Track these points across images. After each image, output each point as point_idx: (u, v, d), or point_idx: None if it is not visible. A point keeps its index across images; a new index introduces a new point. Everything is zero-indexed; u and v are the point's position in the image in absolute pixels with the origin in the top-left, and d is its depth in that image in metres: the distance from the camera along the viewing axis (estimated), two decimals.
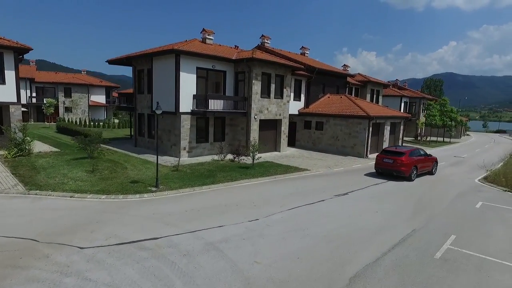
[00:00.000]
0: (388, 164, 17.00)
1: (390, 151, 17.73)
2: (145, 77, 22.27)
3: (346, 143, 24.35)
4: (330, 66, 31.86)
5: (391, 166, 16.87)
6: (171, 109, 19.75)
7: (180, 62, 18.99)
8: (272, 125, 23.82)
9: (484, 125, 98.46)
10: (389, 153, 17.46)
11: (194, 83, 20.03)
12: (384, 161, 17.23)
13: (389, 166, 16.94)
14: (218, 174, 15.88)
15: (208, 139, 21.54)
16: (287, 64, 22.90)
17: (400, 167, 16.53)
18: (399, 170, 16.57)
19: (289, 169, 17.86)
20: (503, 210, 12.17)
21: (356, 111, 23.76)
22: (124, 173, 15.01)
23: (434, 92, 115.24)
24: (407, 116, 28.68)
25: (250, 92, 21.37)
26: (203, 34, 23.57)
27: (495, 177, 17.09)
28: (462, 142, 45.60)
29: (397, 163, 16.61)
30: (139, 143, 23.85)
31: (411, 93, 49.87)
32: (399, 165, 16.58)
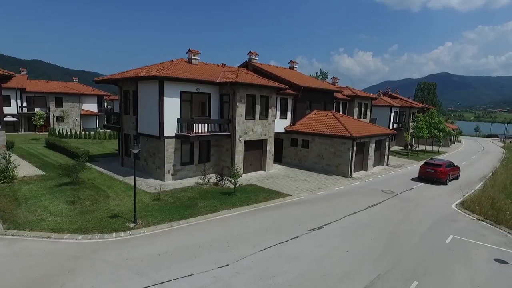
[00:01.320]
0: (430, 173, 23.36)
1: (431, 163, 23.94)
2: (130, 98, 22.45)
3: (331, 162, 24.68)
4: (317, 81, 32.20)
5: (432, 174, 23.26)
6: (155, 133, 19.97)
7: (164, 87, 19.21)
8: (258, 145, 24.09)
9: (476, 129, 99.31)
10: (430, 165, 23.75)
11: (178, 107, 20.25)
12: (427, 171, 23.55)
13: (431, 174, 23.33)
14: (199, 203, 16.13)
15: (193, 161, 21.77)
16: (271, 85, 23.17)
17: (439, 175, 22.97)
18: (439, 177, 22.96)
19: (271, 195, 18.15)
20: (470, 246, 12.52)
21: (341, 131, 24.09)
22: (105, 204, 15.21)
23: (428, 95, 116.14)
24: (392, 132, 29.08)
25: (234, 115, 21.63)
26: (188, 55, 23.81)
27: (471, 203, 17.47)
28: (451, 151, 46.12)
29: (437, 172, 23.02)
30: (125, 162, 24.02)
31: (401, 102, 50.39)
32: (439, 173, 23.00)
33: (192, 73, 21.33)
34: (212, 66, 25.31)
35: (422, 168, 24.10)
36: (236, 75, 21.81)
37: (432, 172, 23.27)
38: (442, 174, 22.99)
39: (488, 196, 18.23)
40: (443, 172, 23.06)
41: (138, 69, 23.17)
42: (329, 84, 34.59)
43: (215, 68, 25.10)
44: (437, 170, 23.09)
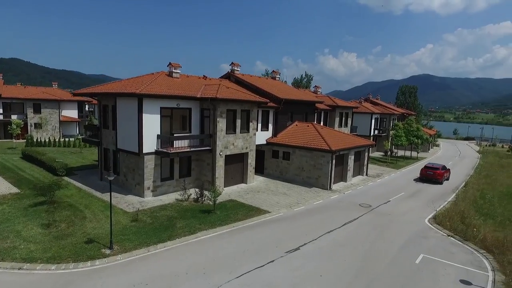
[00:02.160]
0: (430, 175, 28.55)
1: (430, 167, 29.06)
2: (110, 112, 22.17)
3: (311, 174, 25.08)
4: (299, 92, 32.58)
5: (431, 176, 28.43)
6: (134, 149, 19.82)
7: (143, 104, 19.09)
8: (239, 158, 24.23)
9: (455, 132, 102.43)
10: (430, 168, 28.96)
11: (158, 123, 20.16)
12: (428, 173, 28.74)
13: (430, 176, 28.49)
14: (178, 223, 16.15)
15: (173, 176, 21.72)
16: (252, 100, 23.35)
17: (437, 176, 28.16)
18: (437, 178, 28.12)
19: (250, 212, 18.34)
20: (438, 266, 13.05)
21: (320, 144, 24.52)
22: (82, 227, 15.04)
23: (409, 98, 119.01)
24: (370, 144, 29.75)
25: (215, 130, 21.70)
26: (169, 68, 23.73)
27: (442, 218, 18.15)
28: (429, 157, 47.49)
29: (435, 174, 28.31)
30: (104, 177, 23.69)
31: (381, 109, 51.51)
32: (436, 175, 28.25)
33: (172, 88, 21.28)
34: (194, 79, 25.29)
35: (423, 170, 29.19)
36: (216, 90, 21.87)
37: (431, 174, 28.50)
38: (439, 176, 28.27)
39: (459, 211, 18.99)
40: (440, 174, 28.31)
41: (117, 83, 22.92)
42: (310, 95, 35.08)
43: (197, 80, 25.09)
44: (435, 173, 28.33)
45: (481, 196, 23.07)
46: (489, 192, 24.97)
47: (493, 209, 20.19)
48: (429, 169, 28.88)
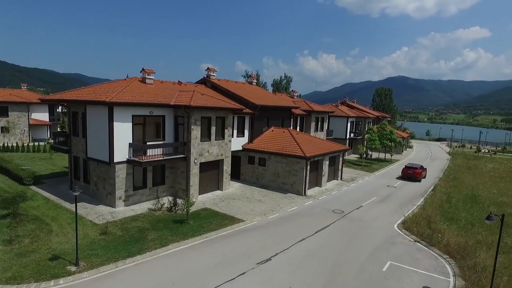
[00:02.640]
0: (410, 174, 32.54)
1: (410, 167, 33.10)
2: (79, 120, 21.51)
3: (286, 180, 25.33)
4: (275, 97, 32.79)
5: (411, 174, 32.40)
6: (105, 158, 19.33)
7: (114, 112, 18.66)
8: (214, 165, 24.12)
9: (427, 133, 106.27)
10: (410, 168, 32.99)
11: (130, 131, 19.75)
12: (408, 172, 32.69)
13: (411, 174, 32.46)
14: (149, 235, 15.89)
15: (146, 185, 21.34)
16: (227, 107, 23.29)
17: (416, 175, 32.27)
18: (416, 177, 32.16)
19: (224, 221, 18.30)
20: (404, 273, 13.52)
21: (295, 150, 24.80)
22: (47, 242, 14.52)
23: (385, 100, 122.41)
24: (345, 149, 30.38)
25: (189, 137, 21.50)
26: (142, 74, 23.32)
27: (410, 223, 18.80)
28: (402, 159, 49.03)
29: (415, 173, 32.30)
30: (74, 187, 22.92)
31: (357, 112, 52.68)
32: (416, 174, 32.30)
33: (145, 95, 20.93)
34: (168, 85, 24.94)
35: (404, 170, 33.29)
36: (190, 97, 21.68)
37: (411, 173, 32.56)
38: (418, 174, 32.33)
39: (426, 215, 19.73)
40: (418, 173, 32.38)
41: (88, 89, 22.32)
42: (287, 100, 35.39)
43: (171, 87, 24.76)
44: (415, 172, 32.43)
45: (448, 200, 24.06)
46: (455, 195, 26.10)
47: (458, 213, 21.12)
48: (409, 169, 32.97)
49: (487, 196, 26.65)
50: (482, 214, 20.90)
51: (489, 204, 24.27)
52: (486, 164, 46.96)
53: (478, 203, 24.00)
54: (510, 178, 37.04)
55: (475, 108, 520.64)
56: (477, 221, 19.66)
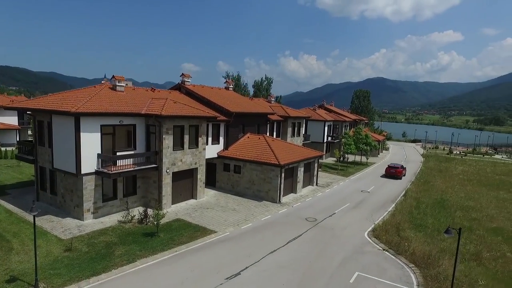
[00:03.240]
0: (392, 172, 37.25)
1: (392, 167, 37.85)
2: (45, 129, 20.69)
3: (261, 187, 25.35)
4: (251, 103, 32.75)
5: (393, 173, 37.09)
6: (71, 170, 18.68)
7: (81, 122, 18.07)
8: (188, 174, 23.80)
9: (403, 135, 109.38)
10: (392, 167, 37.73)
11: (98, 141, 19.18)
12: (391, 171, 37.42)
13: (393, 173, 37.17)
14: (116, 250, 15.47)
15: (117, 196, 20.79)
16: (200, 115, 23.05)
17: (398, 174, 36.99)
18: (397, 175, 36.85)
19: (196, 233, 18.08)
20: (370, 284, 13.78)
21: (270, 158, 24.86)
22: (6, 261, 13.86)
23: (363, 102, 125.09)
24: (320, 155, 30.73)
25: (161, 147, 21.11)
26: (113, 81, 22.75)
27: (380, 231, 19.22)
28: (378, 162, 50.20)
29: (396, 172, 37.08)
30: (41, 197, 22.12)
31: (335, 116, 53.54)
32: (397, 173, 37.06)
33: (115, 103, 20.41)
34: (140, 92, 24.45)
35: (387, 169, 38.05)
36: (162, 106, 21.30)
37: (393, 172, 37.31)
38: (399, 173, 37.15)
39: (395, 223, 20.24)
40: (399, 172, 37.23)
41: (54, 97, 21.52)
42: (263, 105, 35.44)
43: (143, 94, 24.28)
44: (396, 171, 37.32)
45: (417, 205, 24.79)
46: (425, 200, 26.95)
47: (425, 219, 21.79)
48: (392, 168, 37.81)
49: (455, 201, 27.66)
50: (448, 220, 21.69)
51: (455, 208, 25.20)
52: (456, 167, 48.80)
53: (445, 208, 24.85)
54: (477, 181, 38.66)
55: (449, 109, 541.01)
56: (443, 227, 20.27)
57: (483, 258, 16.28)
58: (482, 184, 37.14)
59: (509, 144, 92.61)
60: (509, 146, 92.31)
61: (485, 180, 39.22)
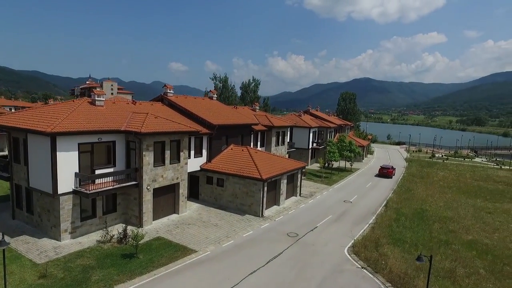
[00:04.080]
0: (384, 172, 43.70)
1: (384, 167, 44.54)
2: (21, 146, 20.17)
3: (244, 201, 25.37)
4: (235, 112, 32.72)
5: (386, 173, 43.50)
6: (48, 189, 18.25)
7: (57, 142, 17.67)
8: (170, 189, 23.59)
9: (388, 137, 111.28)
10: (384, 168, 44.40)
11: (75, 160, 18.82)
12: (383, 171, 43.85)
13: (385, 173, 43.60)
14: (93, 275, 15.22)
15: (96, 214, 20.45)
16: (181, 131, 22.87)
17: (389, 173, 43.40)
18: (389, 175, 43.26)
19: (176, 253, 17.94)
20: None
21: (252, 172, 24.90)
22: None
23: (349, 104, 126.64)
24: (302, 166, 30.93)
25: (141, 164, 20.87)
26: (92, 96, 22.38)
27: (360, 247, 19.50)
28: (362, 168, 50.94)
29: (388, 172, 43.52)
30: (17, 215, 21.57)
31: (320, 122, 53.94)
32: (389, 173, 43.49)
33: (94, 119, 20.08)
34: (121, 106, 24.09)
35: (380, 170, 44.83)
36: (142, 122, 21.05)
37: (385, 172, 43.84)
38: (390, 173, 43.68)
39: (374, 238, 20.57)
40: (390, 172, 43.87)
41: (31, 112, 21.07)
42: (247, 114, 35.45)
43: (124, 108, 23.96)
44: (388, 171, 43.93)
45: (397, 218, 25.22)
46: (405, 211, 27.49)
47: (404, 233, 22.21)
48: (384, 169, 44.45)
49: (434, 211, 28.32)
50: (426, 235, 22.20)
51: (434, 220, 25.81)
52: (437, 172, 49.97)
53: (424, 220, 25.40)
54: (457, 188, 39.69)
55: (433, 109, 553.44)
56: (420, 242, 20.81)
57: (457, 275, 16.69)
58: (461, 191, 38.14)
59: (488, 146, 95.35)
60: (489, 148, 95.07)
61: (464, 187, 40.28)
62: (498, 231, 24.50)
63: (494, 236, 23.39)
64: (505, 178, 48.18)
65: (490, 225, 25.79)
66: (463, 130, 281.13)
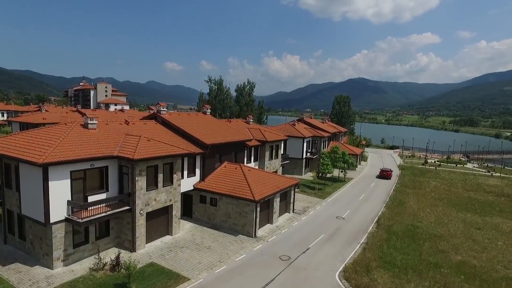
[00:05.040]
0: (384, 174, 51.60)
1: (384, 170, 52.41)
2: (13, 172, 20.12)
3: (237, 221, 25.53)
4: (229, 126, 32.84)
5: (385, 175, 51.41)
6: (40, 218, 18.27)
7: (49, 172, 17.68)
8: (163, 211, 23.64)
9: (382, 141, 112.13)
10: (384, 171, 52.14)
11: (68, 188, 18.83)
12: (383, 174, 51.76)
13: (384, 175, 51.46)
14: None
15: (88, 239, 20.48)
16: (174, 154, 22.93)
17: (388, 175, 51.46)
18: (388, 176, 51.21)
19: (169, 282, 18.04)
20: None
21: (245, 193, 25.06)
22: None
23: (344, 107, 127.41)
24: (295, 183, 31.11)
25: (134, 189, 20.93)
26: (84, 120, 22.41)
27: (350, 272, 19.78)
28: (356, 177, 51.38)
29: (387, 174, 51.58)
30: (9, 240, 21.51)
31: (313, 132, 54.20)
32: (388, 175, 51.55)
33: (86, 145, 20.17)
34: (114, 127, 24.07)
35: (381, 172, 52.87)
36: (135, 147, 21.10)
37: (385, 174, 51.74)
38: (389, 175, 51.68)
39: (365, 262, 20.86)
40: (389, 174, 51.88)
41: (23, 136, 21.10)
42: (241, 128, 35.61)
43: (117, 129, 23.98)
44: (387, 173, 51.82)
45: (388, 238, 25.52)
46: (396, 229, 27.83)
47: (395, 255, 22.52)
48: (384, 172, 52.33)
49: (425, 228, 28.73)
50: (416, 257, 22.54)
51: (425, 238, 26.18)
52: (430, 182, 50.58)
53: (415, 240, 25.72)
54: (448, 200, 40.24)
55: (427, 109, 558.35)
56: (410, 265, 21.13)
57: None
58: (452, 203, 38.68)
59: (480, 150, 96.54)
60: (481, 152, 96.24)
61: (455, 199, 40.83)
62: (486, 250, 24.94)
63: (482, 256, 23.82)
64: (495, 188, 48.90)
65: (479, 244, 26.23)
66: (456, 131, 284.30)
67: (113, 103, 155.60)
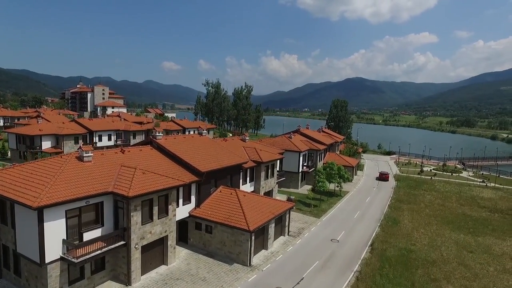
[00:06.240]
0: (383, 177, 62.23)
1: (383, 173, 63.50)
2: (8, 210, 20.21)
3: (232, 249, 25.74)
4: (225, 147, 33.00)
5: (384, 178, 62.07)
6: (35, 258, 18.42)
7: (44, 214, 17.81)
8: (159, 242, 23.80)
9: (379, 146, 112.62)
10: (383, 174, 63.13)
11: (63, 227, 18.98)
12: (382, 176, 62.45)
13: (383, 178, 62.14)
14: None
15: (84, 275, 20.64)
16: (170, 186, 23.07)
17: (387, 178, 62.33)
18: (386, 179, 61.89)
19: None
20: None
21: (240, 222, 25.26)
22: None
23: (341, 111, 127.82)
24: (290, 206, 31.34)
25: (129, 224, 21.09)
26: (79, 152, 22.55)
27: None
28: (352, 190, 51.74)
29: (386, 177, 62.44)
30: (4, 275, 21.64)
31: (309, 145, 54.43)
32: (386, 177, 62.43)
33: (82, 180, 20.38)
34: (109, 158, 24.19)
35: (380, 175, 63.02)
36: (130, 182, 21.22)
37: (384, 177, 61.65)
38: (387, 177, 61.73)
39: None
40: (387, 177, 61.98)
41: (19, 169, 21.18)
42: (237, 148, 35.77)
43: (113, 159, 24.14)
44: (386, 176, 62.15)
45: (381, 266, 25.76)
46: (390, 253, 28.16)
47: (388, 287, 22.81)
48: (383, 174, 62.58)
49: (418, 252, 29.07)
50: (408, 286, 22.83)
51: (418, 265, 26.51)
52: (424, 195, 51.01)
53: (408, 267, 26.02)
54: (441, 217, 40.65)
55: (424, 109, 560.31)
56: None
57: None
58: (446, 221, 39.08)
59: (476, 157, 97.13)
60: (476, 159, 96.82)
61: (449, 216, 41.24)
62: (478, 278, 25.29)
63: (473, 285, 24.17)
64: (489, 202, 49.38)
65: (471, 270, 26.59)
66: (453, 132, 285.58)
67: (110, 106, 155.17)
